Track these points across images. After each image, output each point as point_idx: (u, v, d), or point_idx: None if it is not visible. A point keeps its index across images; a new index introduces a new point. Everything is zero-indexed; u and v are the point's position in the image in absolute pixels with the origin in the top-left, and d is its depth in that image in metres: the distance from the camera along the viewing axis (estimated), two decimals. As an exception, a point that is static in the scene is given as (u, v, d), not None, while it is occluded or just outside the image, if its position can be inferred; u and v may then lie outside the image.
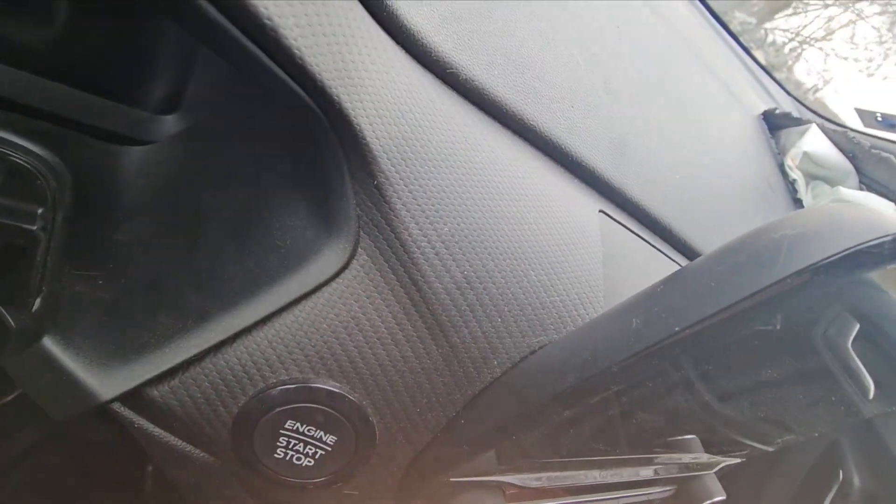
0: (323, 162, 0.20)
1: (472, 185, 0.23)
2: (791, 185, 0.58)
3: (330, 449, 0.23)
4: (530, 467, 0.28)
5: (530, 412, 0.20)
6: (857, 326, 0.27)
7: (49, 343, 0.19)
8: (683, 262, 0.34)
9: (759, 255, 0.16)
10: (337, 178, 0.20)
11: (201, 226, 0.23)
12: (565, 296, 0.25)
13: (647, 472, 0.36)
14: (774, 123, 0.64)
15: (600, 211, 0.29)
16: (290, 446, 0.23)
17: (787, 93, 0.88)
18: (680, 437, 0.36)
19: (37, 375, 0.19)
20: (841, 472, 1.10)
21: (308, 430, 0.23)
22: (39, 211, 0.25)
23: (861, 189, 0.59)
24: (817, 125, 0.60)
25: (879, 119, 1.10)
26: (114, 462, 0.67)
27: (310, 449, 0.23)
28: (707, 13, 0.76)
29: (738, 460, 0.44)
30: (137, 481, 0.71)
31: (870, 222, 0.15)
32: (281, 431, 0.23)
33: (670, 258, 0.34)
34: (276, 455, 0.23)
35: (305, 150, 0.22)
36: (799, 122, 0.61)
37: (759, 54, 0.86)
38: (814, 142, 0.58)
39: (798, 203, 0.56)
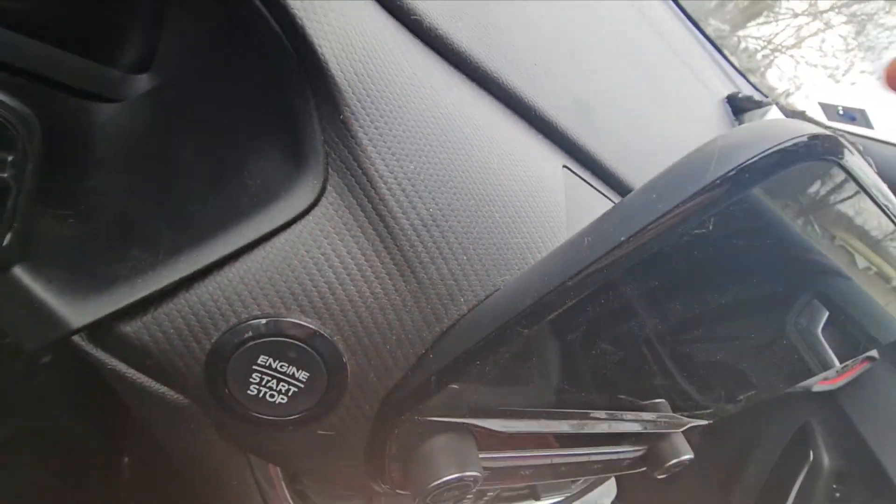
0: (291, 100, 0.21)
1: (437, 127, 0.24)
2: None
3: (303, 386, 0.24)
4: (501, 415, 0.29)
5: (493, 336, 0.21)
6: (827, 314, 0.29)
7: (19, 272, 0.19)
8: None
9: (692, 166, 0.17)
10: (305, 115, 0.21)
11: (172, 170, 0.24)
12: (528, 238, 0.26)
13: (616, 427, 0.38)
14: (738, 107, 0.66)
15: (564, 166, 0.31)
16: (263, 383, 0.24)
17: (756, 87, 0.92)
18: (648, 402, 0.37)
19: (6, 303, 0.20)
20: (811, 453, 1.14)
21: (281, 367, 0.23)
22: (9, 159, 0.25)
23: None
24: (777, 107, 0.63)
25: (841, 112, 1.16)
26: (89, 456, 0.66)
27: (283, 386, 0.24)
28: (678, 9, 0.80)
29: (705, 422, 0.46)
30: (114, 475, 0.70)
31: (790, 128, 0.16)
32: (254, 367, 0.23)
33: None
34: (249, 392, 0.24)
35: (275, 92, 0.22)
36: (760, 104, 0.64)
37: (732, 60, 0.90)
38: (774, 122, 0.61)
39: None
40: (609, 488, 1.07)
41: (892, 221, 0.19)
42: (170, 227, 0.22)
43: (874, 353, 0.98)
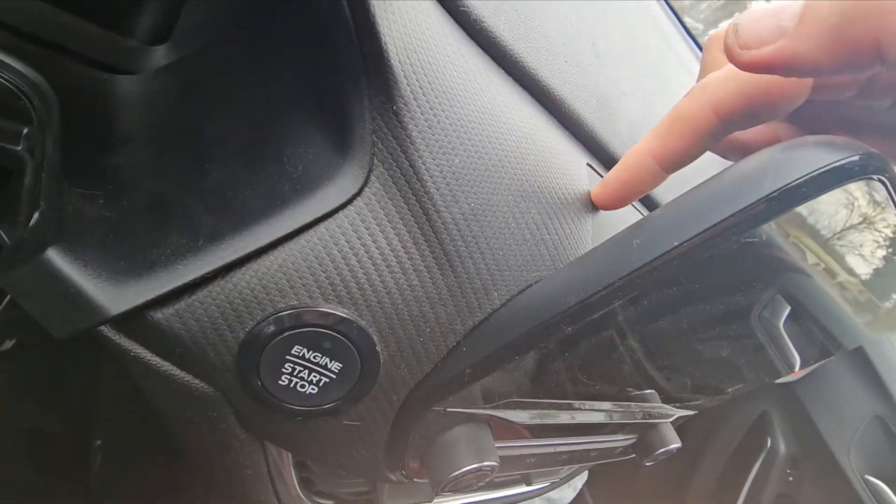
0: (342, 86, 0.21)
1: (480, 122, 0.24)
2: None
3: (335, 376, 0.24)
4: (517, 406, 0.30)
5: (534, 332, 0.22)
6: (789, 309, 0.30)
7: (53, 255, 0.18)
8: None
9: (748, 176, 0.18)
10: (356, 104, 0.21)
11: (207, 151, 0.23)
12: (557, 236, 0.27)
13: (613, 417, 0.39)
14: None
15: (587, 164, 0.31)
16: (295, 373, 0.23)
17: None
18: (640, 392, 0.39)
19: (39, 289, 0.19)
20: (769, 440, 1.21)
21: (314, 357, 0.23)
22: (25, 131, 0.24)
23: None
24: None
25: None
26: (58, 447, 0.64)
27: (314, 376, 0.24)
28: (672, 14, 0.81)
29: (692, 412, 0.48)
30: (83, 463, 0.68)
31: (844, 145, 0.17)
32: (287, 357, 0.23)
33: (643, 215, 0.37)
34: (280, 382, 0.23)
35: (322, 75, 0.22)
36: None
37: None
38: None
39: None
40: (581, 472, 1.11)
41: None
42: (209, 212, 0.21)
43: (831, 348, 1.05)
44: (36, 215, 0.20)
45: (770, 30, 0.16)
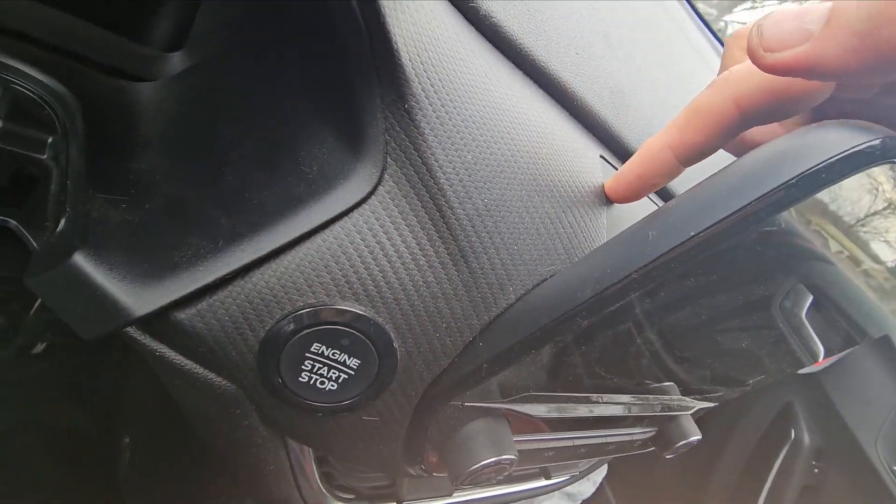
0: (353, 86, 0.21)
1: (493, 117, 0.24)
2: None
3: (353, 373, 0.24)
4: (534, 400, 0.30)
5: (551, 326, 0.22)
6: (811, 298, 0.30)
7: (80, 259, 0.19)
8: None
9: (766, 164, 0.17)
10: (368, 103, 0.21)
11: (223, 155, 0.23)
12: (571, 230, 0.27)
13: (632, 410, 0.39)
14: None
15: (601, 156, 0.31)
16: (314, 370, 0.24)
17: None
18: (658, 385, 0.38)
19: (67, 292, 0.19)
20: (793, 431, 1.18)
21: (333, 354, 0.24)
22: (49, 140, 0.24)
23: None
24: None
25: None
26: (86, 441, 0.66)
27: (333, 373, 0.24)
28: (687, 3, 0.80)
29: (712, 404, 0.48)
30: (112, 457, 0.70)
31: (864, 130, 0.16)
32: (307, 355, 0.23)
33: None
34: (300, 379, 0.24)
35: (334, 75, 0.22)
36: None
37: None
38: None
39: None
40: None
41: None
42: (226, 214, 0.21)
43: (856, 337, 1.02)
44: (63, 221, 0.20)
45: (795, 32, 0.16)
